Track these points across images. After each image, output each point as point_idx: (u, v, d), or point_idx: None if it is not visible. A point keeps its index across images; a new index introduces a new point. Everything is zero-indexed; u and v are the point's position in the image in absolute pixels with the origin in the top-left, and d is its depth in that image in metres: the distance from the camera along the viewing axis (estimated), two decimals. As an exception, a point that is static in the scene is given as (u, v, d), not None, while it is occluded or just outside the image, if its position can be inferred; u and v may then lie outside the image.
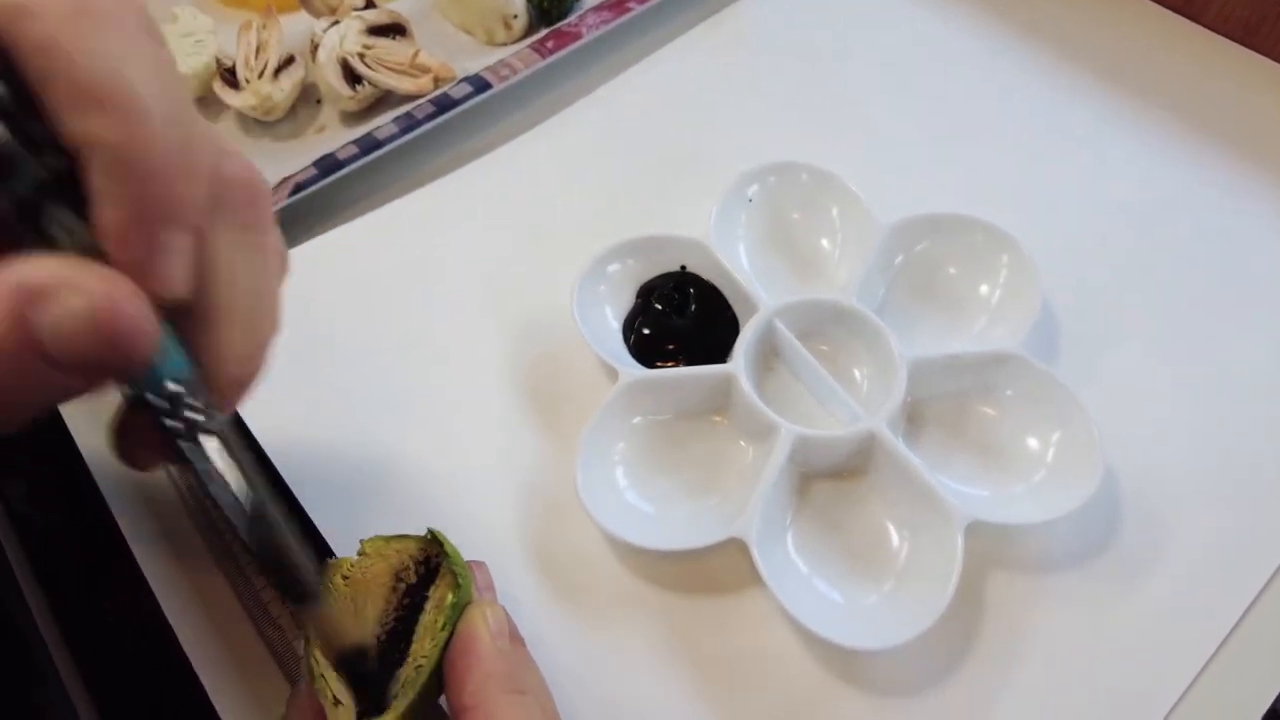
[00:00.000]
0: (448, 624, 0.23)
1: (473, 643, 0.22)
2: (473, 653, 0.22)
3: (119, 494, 0.35)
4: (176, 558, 0.34)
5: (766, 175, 0.39)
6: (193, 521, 0.34)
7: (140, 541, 0.33)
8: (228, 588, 0.33)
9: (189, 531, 0.34)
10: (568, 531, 0.33)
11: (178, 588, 0.33)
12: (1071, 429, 0.32)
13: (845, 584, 0.31)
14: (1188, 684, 0.30)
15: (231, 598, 0.33)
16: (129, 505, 0.34)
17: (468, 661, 0.22)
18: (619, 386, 0.34)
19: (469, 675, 0.22)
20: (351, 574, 0.24)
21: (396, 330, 0.38)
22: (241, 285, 0.20)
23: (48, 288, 0.16)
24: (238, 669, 0.31)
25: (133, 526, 0.34)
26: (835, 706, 0.30)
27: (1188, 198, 0.42)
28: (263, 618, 0.32)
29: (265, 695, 0.30)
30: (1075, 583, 0.32)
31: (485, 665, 0.22)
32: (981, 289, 0.37)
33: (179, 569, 0.33)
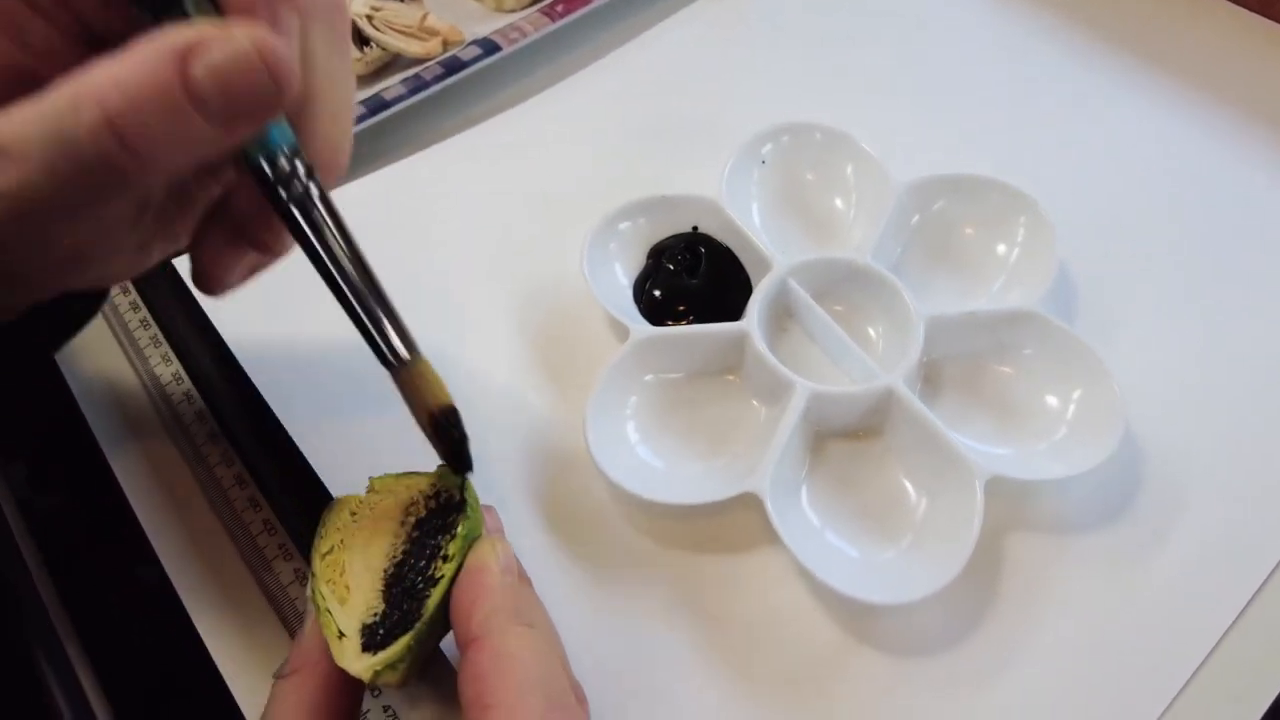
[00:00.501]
0: (457, 556, 0.22)
1: (481, 575, 0.22)
2: (481, 584, 0.22)
3: (114, 442, 0.34)
4: (175, 513, 0.33)
5: (780, 134, 0.38)
6: (193, 474, 0.34)
7: (136, 490, 0.33)
8: (229, 542, 0.32)
9: (190, 488, 0.34)
10: (577, 489, 0.32)
11: (175, 537, 0.32)
12: (1093, 385, 0.31)
13: (861, 540, 0.30)
14: (1209, 649, 0.29)
15: (233, 552, 0.32)
16: (122, 446, 0.34)
17: (476, 593, 0.21)
18: (631, 342, 0.33)
19: (477, 606, 0.21)
20: (359, 510, 0.23)
21: (403, 289, 0.38)
22: (333, 79, 0.22)
23: (205, 39, 0.18)
24: (238, 620, 0.30)
25: (125, 469, 0.33)
26: (849, 666, 0.29)
27: (1208, 165, 0.41)
28: (262, 567, 0.31)
29: (264, 645, 0.30)
30: (1095, 544, 0.31)
31: (493, 597, 0.21)
32: (999, 249, 0.36)
33: (175, 519, 0.33)
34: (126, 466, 0.34)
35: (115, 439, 0.35)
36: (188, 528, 0.33)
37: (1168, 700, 0.28)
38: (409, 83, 0.42)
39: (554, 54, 0.46)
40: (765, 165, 0.39)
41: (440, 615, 0.22)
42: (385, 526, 0.23)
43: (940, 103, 0.43)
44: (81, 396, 0.36)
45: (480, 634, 0.21)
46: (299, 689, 0.22)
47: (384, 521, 0.23)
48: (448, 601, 0.22)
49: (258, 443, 0.34)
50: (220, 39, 0.18)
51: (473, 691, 0.20)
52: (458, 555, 0.22)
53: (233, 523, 0.33)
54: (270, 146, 0.21)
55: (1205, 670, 0.29)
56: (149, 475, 0.34)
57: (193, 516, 0.33)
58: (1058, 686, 0.28)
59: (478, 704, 0.20)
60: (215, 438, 0.35)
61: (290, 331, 0.36)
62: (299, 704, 0.22)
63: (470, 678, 0.20)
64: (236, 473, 0.34)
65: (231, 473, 0.34)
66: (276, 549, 0.32)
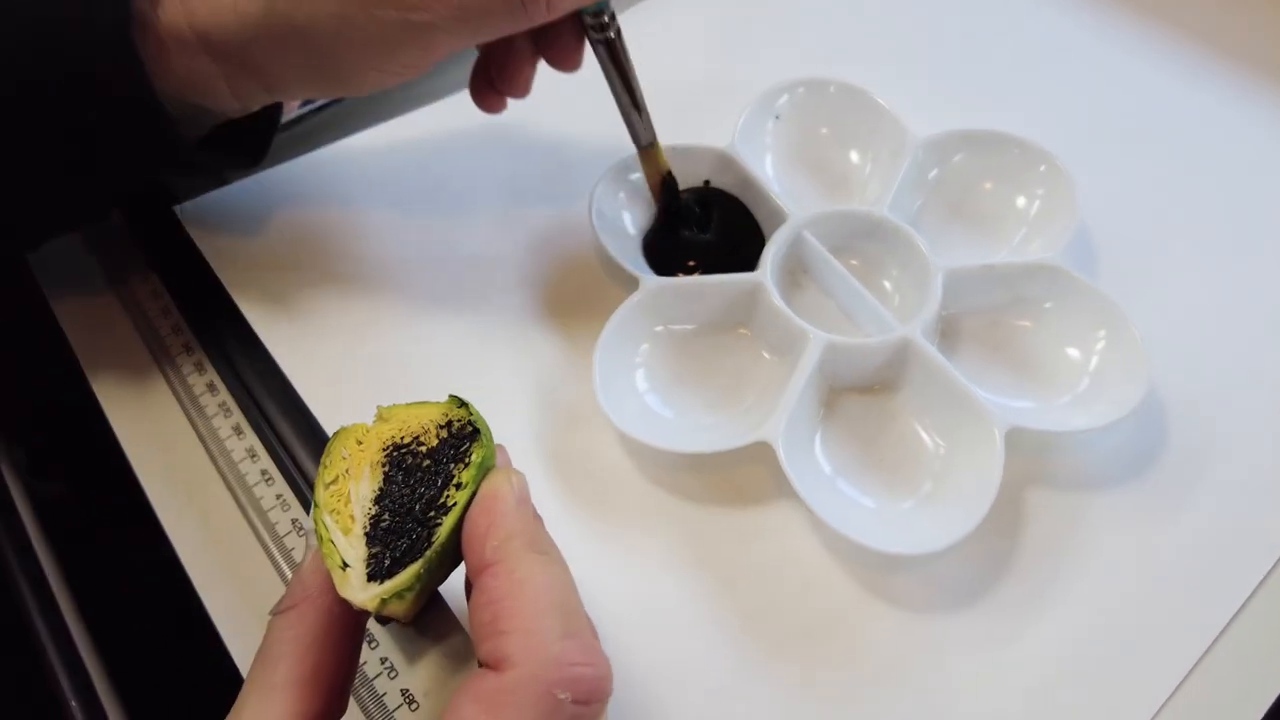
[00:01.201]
0: (470, 484, 0.21)
1: (497, 502, 0.21)
2: (497, 511, 0.21)
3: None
4: (169, 460, 0.32)
5: (795, 87, 0.38)
6: (180, 408, 0.33)
7: (121, 417, 0.32)
8: (224, 489, 0.32)
9: (188, 440, 0.33)
10: (585, 440, 0.31)
11: (169, 486, 0.31)
12: (1115, 337, 0.31)
13: (877, 491, 0.29)
14: (1237, 608, 0.28)
15: (228, 500, 0.31)
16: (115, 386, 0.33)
17: (491, 519, 0.21)
18: (641, 291, 0.32)
19: (492, 532, 0.20)
20: (366, 439, 0.23)
21: (415, 236, 0.37)
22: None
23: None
24: (233, 569, 0.30)
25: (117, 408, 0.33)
26: (864, 620, 0.28)
27: (1229, 125, 0.41)
28: (255, 511, 0.30)
29: (261, 595, 0.29)
30: (1118, 501, 0.30)
31: (509, 523, 0.20)
32: (1018, 202, 0.35)
33: (170, 468, 0.32)
34: (122, 417, 0.33)
35: (108, 383, 0.34)
36: (183, 478, 0.32)
37: (1194, 659, 0.27)
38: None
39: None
40: (780, 120, 0.38)
41: (452, 543, 0.21)
42: (393, 455, 0.22)
43: (958, 63, 0.43)
44: (76, 343, 0.35)
45: (495, 560, 0.20)
46: (297, 623, 0.21)
47: (392, 450, 0.22)
48: (459, 531, 0.21)
49: (256, 389, 0.33)
50: None
51: (487, 616, 0.19)
52: (471, 483, 0.21)
53: (229, 471, 0.32)
54: (602, 4, 0.30)
55: (1233, 629, 0.28)
56: (147, 427, 0.33)
57: (190, 468, 0.32)
58: (1079, 646, 0.28)
59: (492, 629, 0.19)
60: (205, 372, 0.34)
61: (289, 278, 0.36)
62: (296, 639, 0.21)
63: (484, 603, 0.20)
64: (235, 423, 0.33)
65: (230, 423, 0.33)
66: (274, 499, 0.31)
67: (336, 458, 0.22)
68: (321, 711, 0.21)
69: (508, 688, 0.18)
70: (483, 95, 0.34)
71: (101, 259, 0.38)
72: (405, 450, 0.22)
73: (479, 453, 0.22)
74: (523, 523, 0.21)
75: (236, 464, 0.32)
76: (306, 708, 0.20)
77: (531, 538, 0.21)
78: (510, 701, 0.18)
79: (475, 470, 0.21)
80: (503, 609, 0.19)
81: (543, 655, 0.18)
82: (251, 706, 0.20)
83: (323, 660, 0.21)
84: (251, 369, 0.33)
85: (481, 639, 0.19)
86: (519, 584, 0.20)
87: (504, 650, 0.19)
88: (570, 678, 0.18)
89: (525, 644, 0.19)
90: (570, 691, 0.18)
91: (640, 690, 0.27)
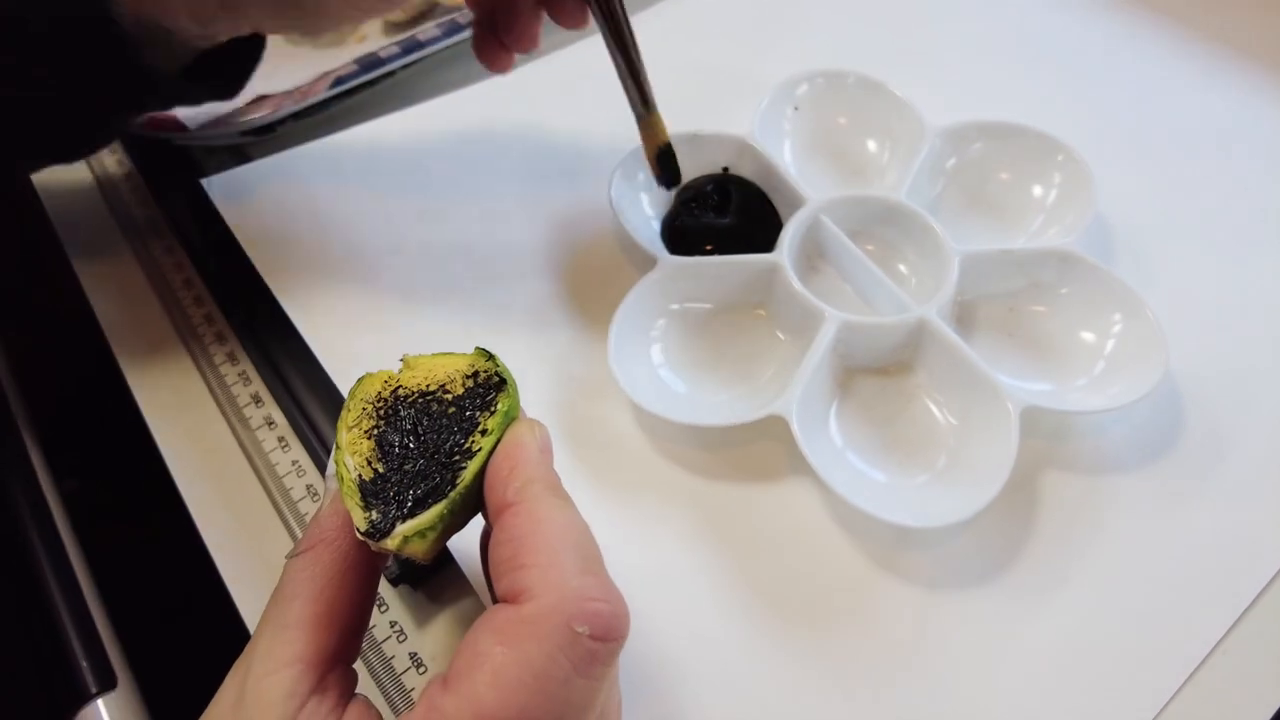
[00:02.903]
0: (495, 431, 0.21)
1: (520, 449, 0.21)
2: (519, 457, 0.21)
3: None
4: (186, 422, 0.33)
5: (814, 77, 0.38)
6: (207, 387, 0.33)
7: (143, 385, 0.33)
8: (240, 454, 0.32)
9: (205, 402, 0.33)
10: (600, 415, 0.32)
11: (186, 449, 0.32)
12: (1132, 321, 0.31)
13: (890, 467, 0.29)
14: (1256, 593, 0.28)
15: (235, 448, 0.32)
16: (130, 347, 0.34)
17: (513, 463, 0.21)
18: (659, 269, 0.32)
19: (514, 474, 0.21)
20: (391, 384, 0.23)
21: (432, 216, 0.38)
22: None
23: None
24: (244, 530, 0.30)
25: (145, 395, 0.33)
26: (875, 596, 0.28)
27: (1243, 117, 0.41)
28: (271, 479, 0.31)
29: (272, 558, 0.29)
30: (1134, 485, 0.30)
31: (530, 468, 0.21)
32: (1035, 190, 0.35)
33: (186, 430, 0.32)
34: (144, 385, 0.34)
35: (132, 354, 0.35)
36: (202, 447, 0.32)
37: (1211, 644, 0.27)
38: (444, 25, 0.42)
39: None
40: (799, 110, 0.38)
41: (474, 487, 0.21)
42: (417, 402, 0.22)
43: (975, 57, 0.43)
44: (96, 302, 0.36)
45: (516, 500, 0.20)
46: (313, 564, 0.21)
47: (417, 397, 0.22)
48: (482, 476, 0.21)
49: (279, 359, 0.33)
50: None
51: (507, 552, 0.20)
52: (496, 430, 0.22)
53: (246, 437, 0.32)
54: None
55: (1250, 616, 0.28)
56: (169, 398, 0.34)
57: (209, 436, 0.33)
58: (1091, 629, 0.27)
59: (512, 564, 0.19)
60: (226, 344, 0.34)
61: (314, 252, 0.36)
62: (311, 579, 0.21)
63: (504, 540, 0.20)
64: (254, 392, 0.33)
65: (248, 391, 0.33)
66: (289, 465, 0.32)
67: (360, 401, 0.23)
68: (334, 651, 0.21)
69: (527, 618, 0.18)
70: (489, 52, 0.34)
71: (126, 231, 0.38)
72: (430, 397, 0.22)
73: (505, 402, 0.22)
74: (544, 469, 0.21)
75: (254, 430, 0.32)
76: (319, 646, 0.20)
77: (553, 484, 0.21)
78: (529, 633, 0.18)
79: (501, 418, 0.22)
80: (523, 545, 0.19)
81: (562, 589, 0.19)
82: (265, 643, 0.20)
83: (337, 601, 0.21)
84: (273, 339, 0.33)
85: (500, 575, 0.19)
86: (540, 522, 0.20)
87: (523, 583, 0.19)
88: (589, 612, 0.18)
89: (545, 577, 0.19)
90: (589, 625, 0.18)
91: (651, 656, 0.27)
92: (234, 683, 0.20)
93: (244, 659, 0.21)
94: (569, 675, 0.18)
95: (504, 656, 0.18)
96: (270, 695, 0.19)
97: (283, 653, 0.20)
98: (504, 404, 0.22)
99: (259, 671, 0.20)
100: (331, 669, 0.21)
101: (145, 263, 0.37)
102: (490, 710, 0.17)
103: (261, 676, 0.20)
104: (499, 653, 0.18)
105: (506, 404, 0.22)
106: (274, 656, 0.20)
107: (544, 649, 0.18)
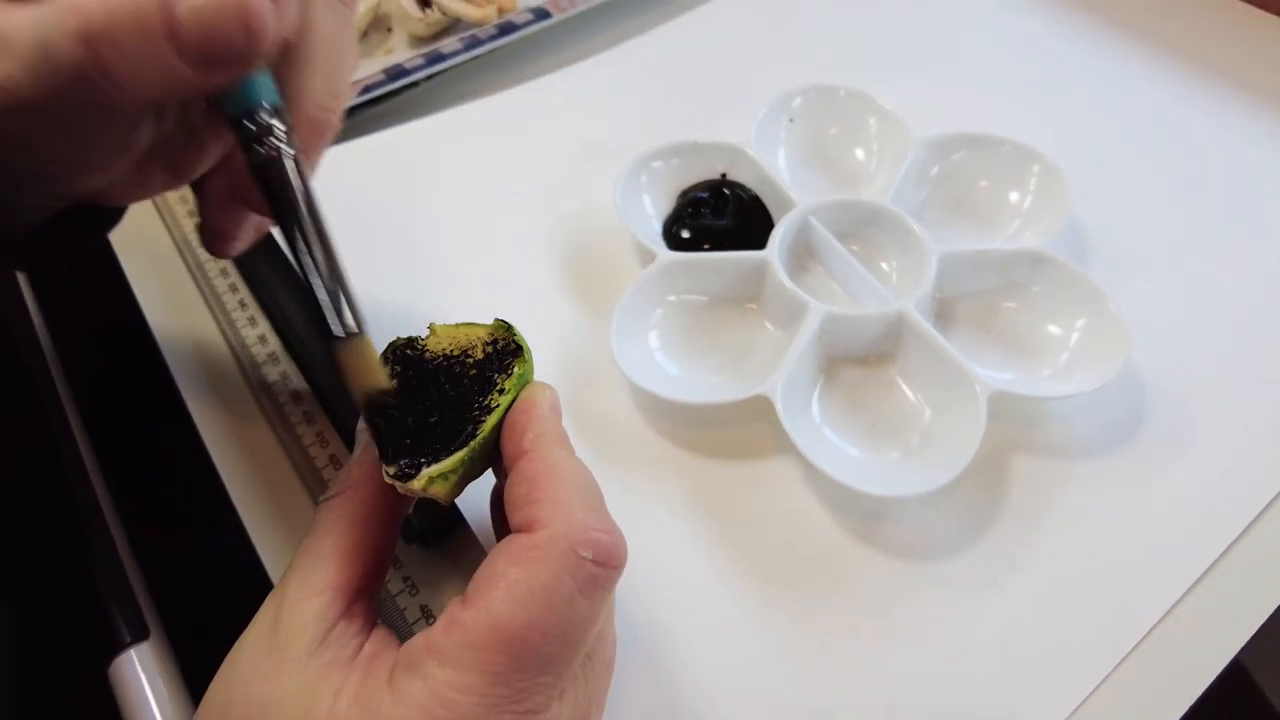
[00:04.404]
0: (512, 391, 0.24)
1: (534, 406, 0.24)
2: (533, 413, 0.24)
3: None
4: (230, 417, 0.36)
5: (808, 90, 0.41)
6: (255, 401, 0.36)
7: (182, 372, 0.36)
8: (259, 414, 0.35)
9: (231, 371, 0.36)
10: (601, 396, 0.34)
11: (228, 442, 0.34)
12: (1096, 316, 0.33)
13: (866, 444, 0.32)
14: (1205, 569, 0.30)
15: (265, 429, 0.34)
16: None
17: (529, 418, 0.24)
18: (658, 262, 0.35)
19: (529, 427, 0.23)
20: (419, 347, 0.26)
21: (451, 215, 0.41)
22: (330, 41, 0.23)
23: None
24: (265, 484, 0.32)
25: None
26: (851, 565, 0.30)
27: (1205, 131, 0.44)
28: (290, 439, 0.33)
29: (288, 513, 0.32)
30: (1097, 467, 0.32)
31: (543, 423, 0.23)
32: (1012, 196, 0.38)
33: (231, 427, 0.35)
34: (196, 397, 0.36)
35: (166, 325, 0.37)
36: (244, 440, 0.35)
37: (1160, 614, 0.29)
38: (465, 40, 0.45)
39: (602, 26, 0.49)
40: (793, 122, 0.41)
41: (492, 439, 0.24)
42: (442, 364, 0.25)
43: (959, 74, 0.46)
44: (145, 302, 0.39)
45: (530, 449, 0.23)
46: (343, 506, 0.24)
47: (443, 359, 0.25)
48: (498, 430, 0.24)
49: (309, 340, 0.36)
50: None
51: (522, 490, 0.22)
52: (513, 390, 0.24)
53: (285, 433, 0.35)
54: (249, 101, 0.21)
55: (1198, 589, 0.30)
56: (207, 384, 0.37)
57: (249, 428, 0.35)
58: (1054, 596, 0.29)
59: (526, 500, 0.22)
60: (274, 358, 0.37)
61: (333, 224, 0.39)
62: (342, 518, 0.24)
63: (519, 481, 0.22)
64: (282, 370, 0.36)
65: (277, 370, 0.36)
66: (326, 459, 0.34)
67: (392, 362, 0.25)
68: (360, 582, 0.23)
69: (538, 544, 0.21)
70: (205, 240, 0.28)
71: (169, 224, 0.41)
72: (455, 360, 0.25)
73: (521, 366, 0.25)
74: (555, 425, 0.24)
75: (282, 405, 0.35)
76: (347, 577, 0.23)
77: (561, 437, 0.24)
78: (539, 556, 0.21)
79: (517, 380, 0.24)
80: (536, 484, 0.22)
81: (569, 519, 0.21)
82: (299, 573, 0.23)
83: (364, 539, 0.24)
84: (302, 320, 0.36)
85: (515, 510, 0.22)
86: (551, 466, 0.22)
87: (535, 515, 0.21)
88: (591, 539, 0.21)
89: (554, 510, 0.21)
90: (591, 550, 0.21)
91: (642, 617, 0.29)
92: (270, 607, 0.23)
93: (279, 588, 0.23)
94: (573, 593, 0.20)
95: (517, 575, 0.20)
96: (303, 618, 0.22)
97: (315, 581, 0.23)
98: (520, 368, 0.25)
99: (294, 597, 0.22)
100: (357, 599, 0.23)
101: (180, 246, 0.40)
102: (503, 620, 0.20)
103: (296, 601, 0.22)
104: (512, 572, 0.20)
105: (522, 368, 0.25)
106: (307, 584, 0.23)
107: (552, 569, 0.20)
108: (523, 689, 0.20)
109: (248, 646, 0.22)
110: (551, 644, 0.20)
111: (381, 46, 0.48)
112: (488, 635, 0.20)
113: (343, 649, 0.22)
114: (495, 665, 0.20)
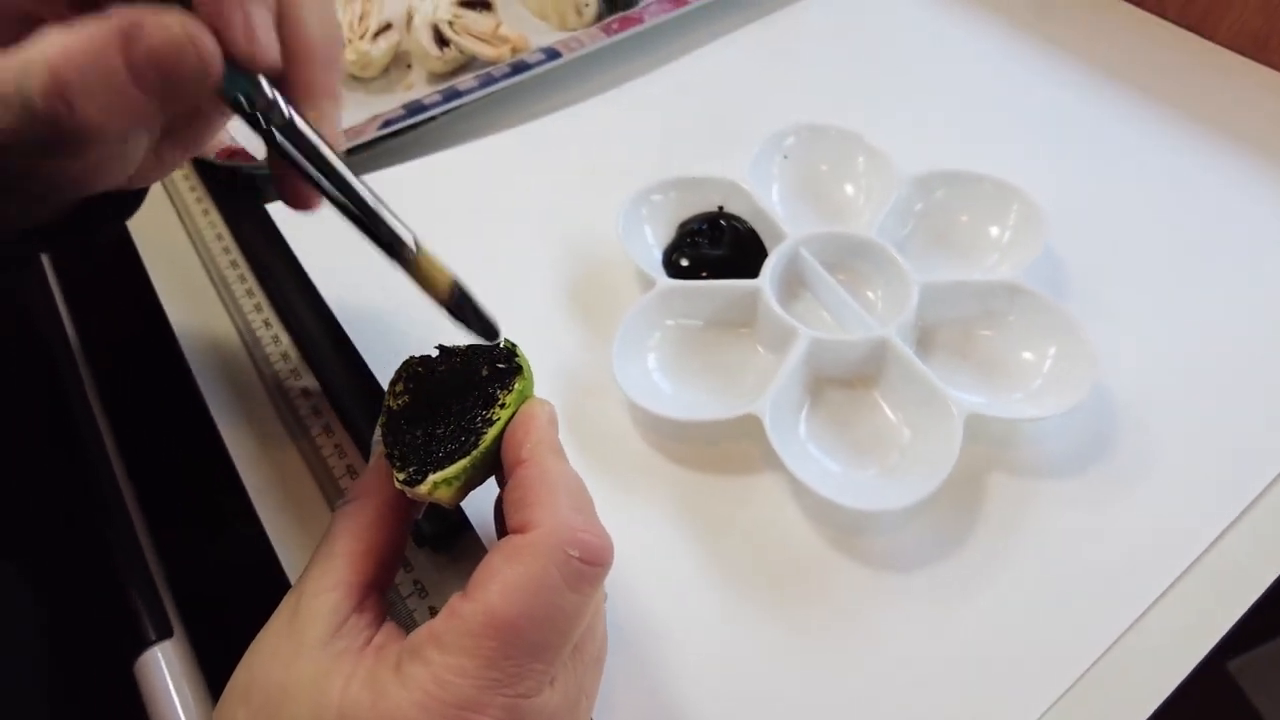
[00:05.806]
0: (512, 405, 0.26)
1: (532, 419, 0.26)
2: (531, 426, 0.26)
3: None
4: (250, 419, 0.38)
5: (801, 129, 0.43)
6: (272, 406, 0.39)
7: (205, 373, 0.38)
8: (274, 413, 0.37)
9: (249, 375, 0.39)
10: (598, 413, 0.36)
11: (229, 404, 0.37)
12: (1067, 343, 0.35)
13: (849, 462, 0.34)
14: (1169, 584, 0.32)
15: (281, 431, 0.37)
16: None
17: (526, 431, 0.26)
18: (657, 289, 0.37)
19: (526, 438, 0.26)
20: (429, 365, 0.28)
21: (466, 243, 0.43)
22: (322, 31, 0.25)
23: (145, 23, 0.21)
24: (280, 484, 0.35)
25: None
26: (831, 575, 0.32)
27: (1175, 167, 0.46)
28: (310, 449, 0.35)
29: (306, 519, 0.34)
30: (1067, 488, 0.34)
31: (540, 434, 0.26)
32: (992, 231, 0.40)
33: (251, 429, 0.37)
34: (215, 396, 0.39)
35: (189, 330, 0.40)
36: (265, 445, 0.37)
37: (1124, 626, 0.31)
38: (480, 77, 0.48)
39: (608, 65, 0.52)
40: (787, 161, 0.44)
41: (493, 449, 0.26)
42: (451, 381, 0.27)
43: (945, 115, 0.49)
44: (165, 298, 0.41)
45: (527, 458, 0.25)
46: (358, 510, 0.26)
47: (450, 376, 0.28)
48: (499, 441, 0.26)
49: (330, 361, 0.39)
50: (157, 25, 0.21)
51: (518, 496, 0.24)
52: (513, 405, 0.27)
53: (305, 445, 0.37)
54: (240, 85, 0.23)
55: (1163, 603, 0.32)
56: (233, 399, 0.39)
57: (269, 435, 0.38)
58: (1022, 607, 0.31)
59: (521, 504, 0.24)
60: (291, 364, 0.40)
61: (357, 262, 0.42)
62: (357, 522, 0.26)
63: (515, 487, 0.25)
64: (303, 385, 0.39)
65: (299, 385, 0.39)
66: (344, 469, 0.36)
67: (404, 379, 0.28)
68: (372, 579, 0.25)
69: (529, 543, 0.23)
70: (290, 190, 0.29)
71: (198, 246, 0.44)
72: (461, 377, 0.27)
73: (521, 383, 0.27)
74: (551, 436, 0.26)
75: (302, 417, 0.37)
76: (360, 573, 0.25)
77: (556, 448, 0.26)
78: (530, 553, 0.23)
79: (517, 396, 0.27)
80: (530, 489, 0.24)
81: (559, 520, 0.23)
82: (316, 570, 0.25)
83: (376, 540, 0.26)
84: (324, 340, 0.39)
85: (512, 513, 0.24)
86: (544, 473, 0.25)
87: (528, 517, 0.24)
88: (579, 540, 0.23)
89: (545, 513, 0.23)
90: (578, 550, 0.23)
91: (635, 620, 0.31)
92: (289, 602, 0.25)
93: (298, 583, 0.25)
94: (561, 588, 0.22)
95: (510, 570, 0.22)
96: (320, 610, 0.24)
97: (330, 578, 0.25)
98: (520, 385, 0.27)
99: (311, 591, 0.25)
100: (369, 595, 0.25)
101: (209, 268, 0.43)
102: (497, 610, 0.22)
103: (313, 596, 0.24)
104: (507, 568, 0.23)
105: (522, 385, 0.27)
106: (323, 580, 0.25)
107: (542, 564, 0.22)
108: (514, 673, 0.22)
109: (269, 635, 0.25)
110: (541, 632, 0.22)
111: (402, 82, 0.51)
112: (482, 623, 0.22)
113: (355, 639, 0.24)
114: (489, 651, 0.22)
